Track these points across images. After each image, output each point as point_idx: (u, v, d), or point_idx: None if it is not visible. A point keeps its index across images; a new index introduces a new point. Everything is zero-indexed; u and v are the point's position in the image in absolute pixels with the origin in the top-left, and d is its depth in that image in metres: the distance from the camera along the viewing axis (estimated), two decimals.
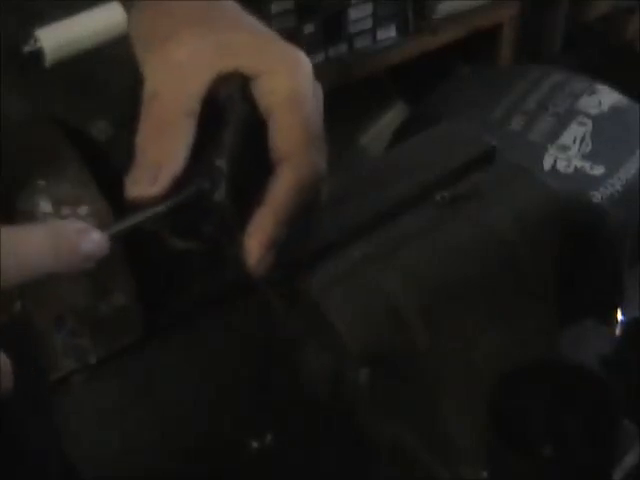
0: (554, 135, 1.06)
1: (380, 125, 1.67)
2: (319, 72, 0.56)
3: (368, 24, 1.50)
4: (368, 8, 1.49)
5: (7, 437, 0.61)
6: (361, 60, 1.51)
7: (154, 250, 1.09)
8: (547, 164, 1.02)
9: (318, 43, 1.46)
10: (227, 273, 1.31)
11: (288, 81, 0.47)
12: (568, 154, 1.03)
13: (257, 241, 0.47)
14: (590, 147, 1.03)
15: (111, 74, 1.24)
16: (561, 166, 1.02)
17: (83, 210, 1.26)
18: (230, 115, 0.47)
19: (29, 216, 0.48)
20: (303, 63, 0.49)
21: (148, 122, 0.47)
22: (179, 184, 0.47)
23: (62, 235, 0.41)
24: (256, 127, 0.48)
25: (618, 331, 0.92)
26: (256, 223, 0.48)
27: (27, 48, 1.28)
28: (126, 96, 0.51)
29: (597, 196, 0.97)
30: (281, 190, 0.47)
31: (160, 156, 0.46)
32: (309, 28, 1.45)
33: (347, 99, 1.38)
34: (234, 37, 0.48)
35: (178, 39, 0.47)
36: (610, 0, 1.76)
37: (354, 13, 1.48)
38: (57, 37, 1.28)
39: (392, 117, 1.67)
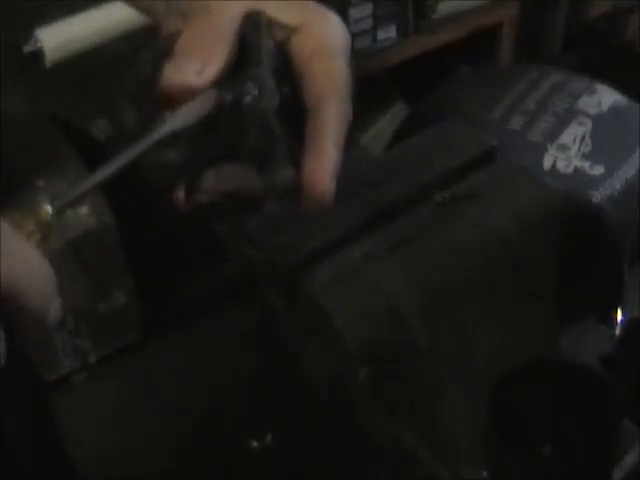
0: (554, 135, 1.05)
1: (380, 125, 1.67)
2: None
3: (368, 24, 1.50)
4: (368, 8, 1.48)
5: (7, 437, 0.61)
6: (361, 60, 1.51)
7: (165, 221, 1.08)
8: (547, 164, 1.02)
9: None
10: (227, 273, 1.31)
11: (327, 31, 0.50)
12: (568, 154, 1.03)
13: (323, 168, 0.46)
14: (590, 147, 1.03)
15: (111, 74, 1.24)
16: (561, 166, 1.01)
17: (83, 210, 1.26)
18: (257, 42, 0.47)
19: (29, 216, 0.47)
20: (336, 19, 0.51)
21: (194, 30, 0.47)
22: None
23: None
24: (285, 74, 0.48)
25: (618, 331, 0.92)
26: (317, 151, 0.47)
27: (27, 48, 1.28)
28: (126, 96, 0.50)
29: (597, 196, 0.97)
30: (331, 118, 0.48)
31: (206, 53, 0.46)
32: None
33: None
34: None
35: None
36: (610, 0, 1.76)
37: (354, 13, 1.48)
38: (57, 37, 1.28)
39: (392, 117, 1.67)
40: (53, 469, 0.70)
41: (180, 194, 0.47)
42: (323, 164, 0.47)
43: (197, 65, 0.45)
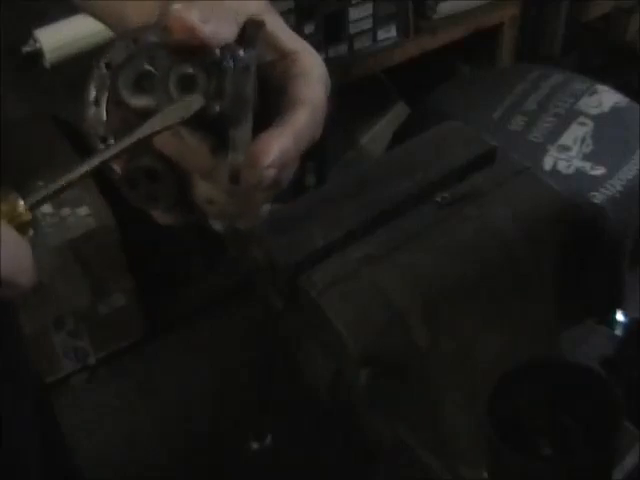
0: (555, 135, 1.05)
1: (380, 125, 1.67)
2: None
3: (368, 24, 1.49)
4: (368, 8, 1.48)
5: (6, 437, 0.61)
6: (361, 60, 1.51)
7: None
8: (548, 165, 1.02)
9: (318, 43, 1.45)
10: (227, 273, 1.31)
11: (315, 62, 0.51)
12: (569, 154, 1.03)
13: (273, 148, 0.46)
14: (591, 147, 1.03)
15: None
16: (562, 167, 1.01)
17: (83, 210, 1.26)
18: (253, 37, 0.48)
19: None
20: (321, 60, 0.52)
21: (207, 3, 0.48)
22: None
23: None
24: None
25: (618, 331, 0.92)
26: (275, 134, 0.47)
27: (27, 48, 1.28)
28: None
29: (597, 197, 0.97)
30: (301, 119, 0.48)
31: (215, 14, 0.47)
32: (309, 28, 1.44)
33: (347, 99, 1.38)
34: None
35: None
36: (610, 0, 1.75)
37: (354, 13, 1.48)
38: (57, 37, 1.28)
39: (392, 117, 1.67)
40: (57, 469, 0.70)
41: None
42: (275, 145, 0.46)
43: (204, 17, 0.47)
